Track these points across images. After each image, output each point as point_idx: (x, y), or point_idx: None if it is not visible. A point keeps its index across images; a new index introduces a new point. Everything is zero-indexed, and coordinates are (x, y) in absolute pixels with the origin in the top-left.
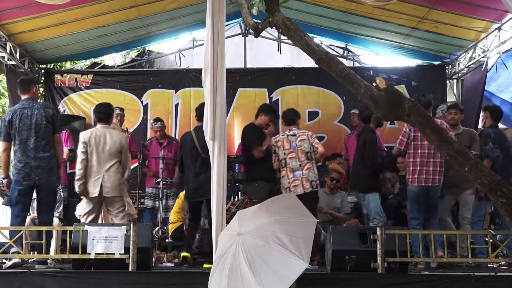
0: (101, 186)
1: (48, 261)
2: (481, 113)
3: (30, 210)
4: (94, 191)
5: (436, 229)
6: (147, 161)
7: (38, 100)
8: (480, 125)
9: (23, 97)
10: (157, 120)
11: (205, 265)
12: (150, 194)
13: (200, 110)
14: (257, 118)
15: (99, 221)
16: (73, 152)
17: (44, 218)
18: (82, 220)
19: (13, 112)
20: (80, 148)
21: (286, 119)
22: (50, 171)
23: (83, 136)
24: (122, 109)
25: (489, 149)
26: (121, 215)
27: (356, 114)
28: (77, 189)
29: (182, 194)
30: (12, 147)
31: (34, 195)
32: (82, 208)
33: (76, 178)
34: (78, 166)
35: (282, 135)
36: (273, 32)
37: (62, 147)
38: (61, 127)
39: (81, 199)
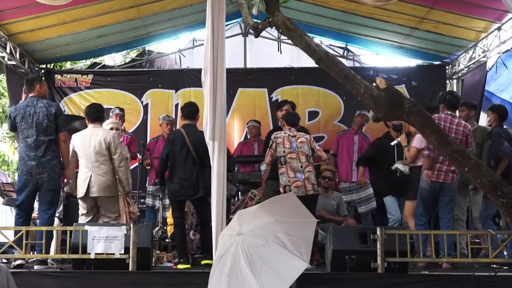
0: (88, 186)
1: (49, 261)
2: (488, 114)
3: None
4: (81, 191)
5: (448, 228)
6: (151, 160)
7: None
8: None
9: (30, 95)
10: (168, 116)
11: (203, 262)
12: (151, 193)
13: (186, 109)
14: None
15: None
16: None
17: (42, 217)
18: (80, 221)
19: (15, 110)
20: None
21: (289, 120)
22: (51, 170)
23: (72, 139)
24: (122, 109)
25: (507, 148)
26: (112, 217)
27: (365, 116)
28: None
29: None
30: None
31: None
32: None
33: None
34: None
35: (284, 133)
36: (273, 32)
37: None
38: None
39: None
